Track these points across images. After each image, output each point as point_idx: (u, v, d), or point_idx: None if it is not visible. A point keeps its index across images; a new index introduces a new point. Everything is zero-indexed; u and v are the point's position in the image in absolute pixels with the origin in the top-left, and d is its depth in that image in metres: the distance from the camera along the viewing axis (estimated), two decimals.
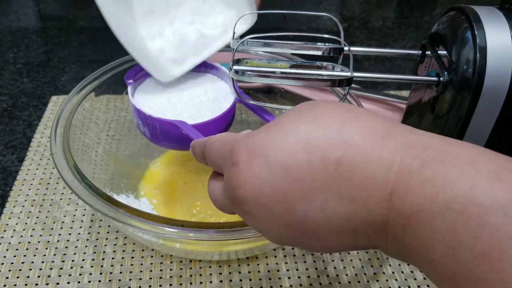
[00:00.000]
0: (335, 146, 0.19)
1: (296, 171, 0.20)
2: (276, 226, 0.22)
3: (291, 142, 0.20)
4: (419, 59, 0.41)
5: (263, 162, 0.21)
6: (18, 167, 0.52)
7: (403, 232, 0.18)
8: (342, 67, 0.36)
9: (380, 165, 0.19)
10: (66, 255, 0.42)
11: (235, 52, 0.36)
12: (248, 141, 0.22)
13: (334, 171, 0.19)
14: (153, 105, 0.39)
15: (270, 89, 0.57)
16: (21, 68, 0.71)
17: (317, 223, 0.20)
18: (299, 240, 0.22)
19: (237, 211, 0.23)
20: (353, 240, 0.20)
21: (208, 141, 0.27)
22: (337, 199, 0.19)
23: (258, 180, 0.21)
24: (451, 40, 0.36)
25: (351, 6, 0.99)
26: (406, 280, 0.41)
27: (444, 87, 0.36)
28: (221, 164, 0.25)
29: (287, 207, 0.20)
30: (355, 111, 0.21)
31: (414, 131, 0.20)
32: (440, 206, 0.17)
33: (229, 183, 0.22)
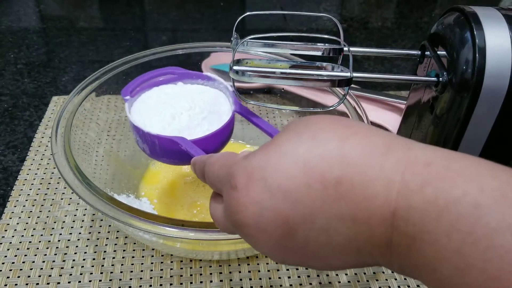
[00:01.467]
0: (334, 166, 0.19)
1: (295, 194, 0.19)
2: (278, 249, 0.21)
3: (289, 164, 0.20)
4: (419, 59, 0.41)
5: (262, 185, 0.20)
6: (19, 167, 0.52)
7: (408, 251, 0.18)
8: (342, 67, 0.37)
9: (381, 184, 0.18)
10: (67, 254, 0.42)
11: (235, 53, 0.37)
12: (246, 164, 0.21)
13: (334, 192, 0.19)
14: (151, 120, 0.38)
15: (270, 89, 0.57)
16: (22, 68, 0.71)
17: (320, 245, 0.20)
18: (303, 261, 0.22)
19: (239, 234, 0.23)
20: (357, 258, 0.20)
21: (207, 162, 0.26)
22: (338, 220, 0.19)
23: (258, 205, 0.20)
24: (450, 40, 0.36)
25: (350, 7, 0.99)
26: (406, 280, 0.41)
27: (443, 87, 0.36)
28: (220, 186, 0.24)
29: (288, 230, 0.20)
30: (354, 127, 0.20)
31: (414, 146, 0.19)
32: (445, 228, 0.16)
33: (229, 207, 0.22)
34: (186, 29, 0.87)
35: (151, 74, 0.42)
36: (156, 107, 0.40)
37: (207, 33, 0.85)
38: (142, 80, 0.41)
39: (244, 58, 0.38)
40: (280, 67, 0.38)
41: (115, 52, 0.77)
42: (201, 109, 0.39)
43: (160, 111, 0.39)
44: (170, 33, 0.85)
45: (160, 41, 0.82)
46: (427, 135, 0.40)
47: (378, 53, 0.42)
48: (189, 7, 0.94)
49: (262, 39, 0.39)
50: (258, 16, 0.42)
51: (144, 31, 0.87)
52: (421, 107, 0.42)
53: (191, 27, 0.87)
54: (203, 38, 0.82)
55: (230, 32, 0.85)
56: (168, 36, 0.84)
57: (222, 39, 0.82)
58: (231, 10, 0.94)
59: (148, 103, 0.40)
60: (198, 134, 0.37)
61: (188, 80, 0.43)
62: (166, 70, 0.42)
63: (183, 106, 0.39)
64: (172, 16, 0.91)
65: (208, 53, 0.55)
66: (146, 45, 0.81)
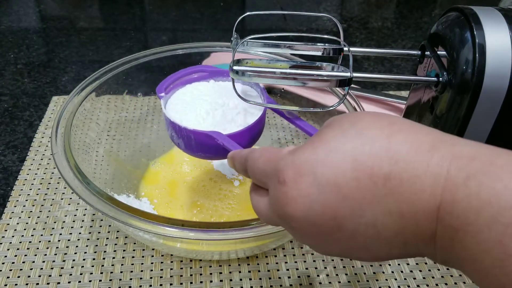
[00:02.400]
0: (383, 162, 0.20)
1: (345, 189, 0.20)
2: (326, 241, 0.22)
3: (338, 160, 0.20)
4: (419, 59, 0.41)
5: (311, 180, 0.21)
6: (19, 167, 0.52)
7: (451, 243, 0.18)
8: (342, 67, 0.37)
9: (428, 179, 0.19)
10: (67, 254, 0.42)
11: (235, 52, 0.37)
12: (294, 159, 0.22)
13: (383, 187, 0.19)
14: (186, 116, 0.39)
15: (270, 89, 0.57)
16: (22, 68, 0.71)
17: (367, 238, 0.21)
18: (348, 253, 0.22)
19: (285, 226, 0.24)
20: (402, 250, 0.21)
21: (249, 157, 0.27)
22: (386, 214, 0.20)
23: (307, 198, 0.21)
24: (450, 40, 0.36)
25: (350, 7, 0.99)
26: (406, 280, 0.41)
27: (443, 87, 0.36)
28: (265, 181, 0.25)
29: (337, 223, 0.21)
30: (398, 123, 0.21)
31: (458, 142, 0.20)
32: (487, 219, 0.17)
33: (276, 200, 0.23)
34: (186, 29, 0.87)
35: (184, 72, 0.42)
36: (190, 103, 0.40)
37: (207, 33, 0.85)
38: (176, 77, 0.42)
39: (244, 58, 0.38)
40: (280, 67, 0.38)
41: (115, 52, 0.77)
42: (235, 105, 0.40)
43: (195, 107, 0.39)
44: (170, 33, 0.85)
45: (160, 41, 0.82)
46: None
47: (378, 53, 0.42)
48: (189, 7, 0.94)
49: (262, 39, 0.39)
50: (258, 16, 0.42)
51: (144, 31, 0.87)
52: (421, 107, 0.42)
53: (191, 27, 0.87)
54: (203, 38, 0.82)
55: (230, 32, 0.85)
56: (168, 36, 0.84)
57: (222, 39, 0.82)
58: (231, 10, 0.94)
59: (183, 99, 0.41)
60: (232, 129, 0.37)
61: (219, 77, 0.43)
62: (198, 68, 0.43)
63: (217, 102, 0.40)
64: (172, 16, 0.91)
65: (208, 53, 0.55)
66: (146, 45, 0.81)
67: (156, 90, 0.40)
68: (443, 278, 0.41)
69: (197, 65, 0.44)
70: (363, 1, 1.00)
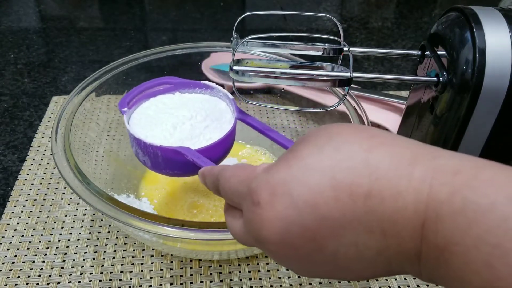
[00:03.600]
0: (362, 179, 0.19)
1: (324, 209, 0.19)
2: (306, 264, 0.21)
3: (315, 178, 0.19)
4: (419, 59, 0.41)
5: (288, 201, 0.20)
6: (19, 167, 0.52)
7: (437, 262, 0.18)
8: (342, 67, 0.37)
9: (410, 195, 0.18)
10: (67, 254, 0.42)
11: (235, 52, 0.37)
12: (268, 178, 0.21)
13: (363, 205, 0.18)
14: (152, 131, 0.37)
15: (270, 89, 0.57)
16: (22, 68, 0.71)
17: (349, 259, 0.20)
18: (331, 274, 0.21)
19: (263, 249, 0.22)
20: (386, 269, 0.20)
21: (221, 175, 0.25)
22: (368, 233, 0.19)
23: (284, 221, 0.20)
24: (450, 40, 0.36)
25: (350, 7, 0.99)
26: (406, 280, 0.41)
27: (443, 87, 0.36)
28: (239, 201, 0.24)
29: (317, 245, 0.20)
30: (378, 137, 0.20)
31: (441, 154, 0.19)
32: (474, 239, 0.16)
33: (251, 223, 0.22)
34: (186, 29, 0.87)
35: (147, 84, 0.41)
36: (156, 118, 0.38)
37: (207, 33, 0.85)
38: (138, 91, 0.40)
39: (244, 58, 0.38)
40: (280, 67, 0.38)
41: (115, 52, 0.77)
42: (203, 118, 0.38)
43: (160, 121, 0.38)
44: (170, 33, 0.85)
45: (160, 41, 0.82)
46: (427, 135, 0.40)
47: (378, 53, 0.42)
48: (189, 7, 0.94)
49: (262, 39, 0.39)
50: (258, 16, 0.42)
51: (144, 31, 0.87)
52: (421, 107, 0.42)
53: (191, 27, 0.87)
54: (203, 38, 0.82)
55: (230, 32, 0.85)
56: (168, 36, 0.84)
57: (222, 39, 0.82)
58: (231, 10, 0.94)
59: (147, 114, 0.39)
60: (201, 143, 0.36)
61: (185, 89, 0.42)
62: (162, 80, 0.41)
63: (184, 115, 0.38)
64: (172, 16, 0.91)
65: (208, 53, 0.55)
66: (146, 45, 0.81)
67: (118, 105, 0.38)
68: None
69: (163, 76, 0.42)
70: (363, 1, 1.00)
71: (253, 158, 0.52)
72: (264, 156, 0.52)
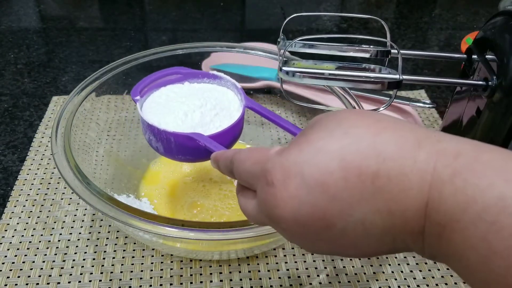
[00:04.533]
0: (370, 161, 0.20)
1: (334, 188, 0.20)
2: (315, 241, 0.22)
3: (325, 160, 0.21)
4: (464, 63, 0.41)
5: (300, 181, 0.21)
6: (19, 167, 0.52)
7: (438, 239, 0.19)
8: (389, 69, 0.37)
9: (415, 176, 0.19)
10: (67, 254, 0.42)
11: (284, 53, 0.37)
12: (281, 160, 0.22)
13: (371, 186, 0.20)
14: (164, 119, 0.38)
15: (270, 89, 0.57)
16: (22, 68, 0.71)
17: (356, 236, 0.21)
18: (337, 251, 0.23)
19: (275, 227, 0.24)
20: (391, 246, 0.21)
21: (235, 158, 0.27)
22: (375, 213, 0.20)
23: (296, 200, 0.21)
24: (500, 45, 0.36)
25: (350, 7, 0.99)
26: (406, 280, 0.41)
27: (492, 91, 0.36)
28: (253, 182, 0.25)
29: (326, 223, 0.21)
30: (384, 121, 0.21)
31: (443, 138, 0.20)
32: (472, 217, 0.17)
33: (264, 202, 0.23)
34: (186, 29, 0.87)
35: (158, 74, 0.42)
36: (167, 106, 0.40)
37: (207, 33, 0.85)
38: (150, 80, 0.41)
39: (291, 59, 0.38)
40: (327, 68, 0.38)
41: (115, 52, 0.77)
42: (213, 106, 0.39)
43: (172, 109, 0.39)
44: (170, 33, 0.85)
45: (160, 41, 0.82)
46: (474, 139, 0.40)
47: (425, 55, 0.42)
48: (189, 7, 0.94)
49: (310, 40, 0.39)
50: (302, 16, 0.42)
51: (144, 31, 0.87)
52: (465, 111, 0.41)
53: (191, 27, 0.87)
54: (203, 38, 0.82)
55: (230, 32, 0.86)
56: (168, 36, 0.84)
57: (222, 39, 0.81)
58: (231, 10, 0.94)
59: (159, 102, 0.40)
60: (212, 130, 0.37)
61: (194, 79, 0.43)
62: (172, 70, 0.43)
63: (194, 103, 0.39)
64: (172, 16, 0.91)
65: (208, 53, 0.55)
66: (146, 45, 0.81)
67: (131, 93, 0.40)
68: (443, 278, 0.41)
69: (174, 67, 0.43)
70: (363, 1, 1.00)
71: None
72: None
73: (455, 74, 0.47)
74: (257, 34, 0.85)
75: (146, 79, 0.41)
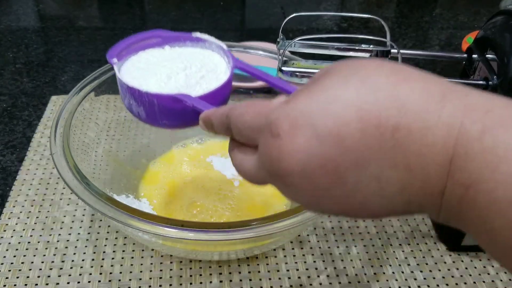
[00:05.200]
0: (390, 112, 0.18)
1: (349, 140, 0.18)
2: (322, 198, 0.20)
3: (340, 109, 0.19)
4: (465, 62, 0.41)
5: (310, 132, 0.19)
6: (18, 167, 0.52)
7: (459, 202, 0.17)
8: None
9: (439, 131, 0.17)
10: (66, 255, 0.42)
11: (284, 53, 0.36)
12: (288, 110, 0.20)
13: (390, 138, 0.18)
14: (144, 81, 0.35)
15: (270, 89, 0.57)
16: (21, 68, 0.71)
17: (368, 194, 0.19)
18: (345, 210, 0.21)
19: (277, 184, 0.22)
20: (404, 208, 0.20)
21: (232, 113, 0.24)
22: (392, 168, 0.18)
23: (305, 152, 0.19)
24: (500, 44, 0.36)
25: (350, 7, 0.99)
26: (407, 281, 0.41)
27: (493, 90, 0.36)
28: (254, 137, 0.23)
29: (337, 178, 0.19)
30: (405, 71, 0.19)
31: (471, 93, 0.18)
32: (502, 177, 0.16)
33: (268, 156, 0.21)
34: (186, 29, 0.86)
35: (136, 37, 0.39)
36: (147, 69, 0.36)
37: (207, 32, 0.85)
38: (127, 44, 0.38)
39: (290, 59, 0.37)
40: None
41: None
42: (198, 68, 0.36)
43: (153, 72, 0.36)
44: None
45: None
46: None
47: (425, 55, 0.42)
48: (189, 6, 0.94)
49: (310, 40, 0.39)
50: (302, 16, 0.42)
51: (144, 30, 0.87)
52: None
53: (191, 27, 0.87)
54: None
55: (230, 32, 0.85)
56: None
57: (222, 39, 0.81)
58: (231, 10, 0.94)
59: (138, 66, 0.37)
60: (199, 92, 0.34)
61: (176, 43, 0.40)
62: (151, 33, 0.40)
63: (177, 66, 0.36)
64: (172, 15, 0.91)
65: None
66: None
67: (106, 56, 0.37)
68: (444, 279, 0.41)
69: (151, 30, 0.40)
70: (363, 1, 1.00)
71: None
72: None
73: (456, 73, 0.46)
74: (257, 33, 0.85)
75: (123, 42, 0.38)
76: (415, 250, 0.43)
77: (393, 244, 0.44)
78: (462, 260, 0.42)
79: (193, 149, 0.53)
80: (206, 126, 0.28)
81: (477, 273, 0.41)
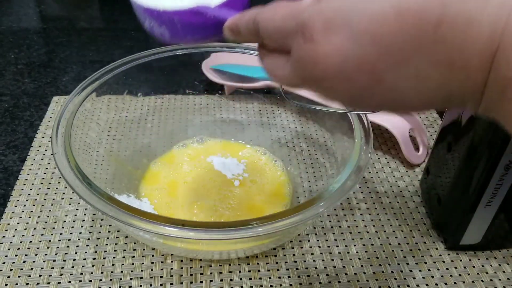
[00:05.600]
0: (433, 5, 0.17)
1: (388, 38, 0.18)
2: (359, 96, 0.20)
3: (378, 6, 0.18)
4: None
5: (345, 32, 0.18)
6: (20, 167, 0.52)
7: (501, 94, 0.17)
8: None
9: (485, 23, 0.17)
10: (68, 254, 0.42)
11: None
12: (321, 9, 0.19)
13: (432, 34, 0.17)
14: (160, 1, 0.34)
15: (270, 89, 0.57)
16: (22, 68, 0.72)
17: (407, 91, 0.19)
18: (383, 105, 0.21)
19: (313, 88, 0.21)
20: (444, 101, 0.19)
21: (260, 17, 0.23)
22: (432, 65, 0.18)
23: (341, 54, 0.19)
24: None
25: None
26: (405, 279, 0.41)
27: None
28: (286, 42, 0.22)
29: (375, 77, 0.19)
30: None
31: None
32: None
33: (303, 61, 0.20)
34: None
35: None
36: None
37: None
38: None
39: None
40: None
41: (116, 52, 0.77)
42: None
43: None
44: None
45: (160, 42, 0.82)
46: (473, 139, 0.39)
47: None
48: None
49: None
50: None
51: (145, 31, 0.87)
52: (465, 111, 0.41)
53: None
54: None
55: None
56: None
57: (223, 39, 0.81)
58: None
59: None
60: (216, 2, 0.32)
61: None
62: None
63: None
64: None
65: (209, 53, 0.55)
66: (147, 45, 0.81)
67: None
68: (442, 278, 0.41)
69: None
70: None
71: (253, 158, 0.52)
72: (264, 156, 0.53)
73: None
74: None
75: None
76: (414, 249, 0.44)
77: (392, 243, 0.44)
78: (461, 259, 0.43)
79: (194, 149, 0.53)
80: (233, 34, 0.27)
81: (476, 272, 0.42)
